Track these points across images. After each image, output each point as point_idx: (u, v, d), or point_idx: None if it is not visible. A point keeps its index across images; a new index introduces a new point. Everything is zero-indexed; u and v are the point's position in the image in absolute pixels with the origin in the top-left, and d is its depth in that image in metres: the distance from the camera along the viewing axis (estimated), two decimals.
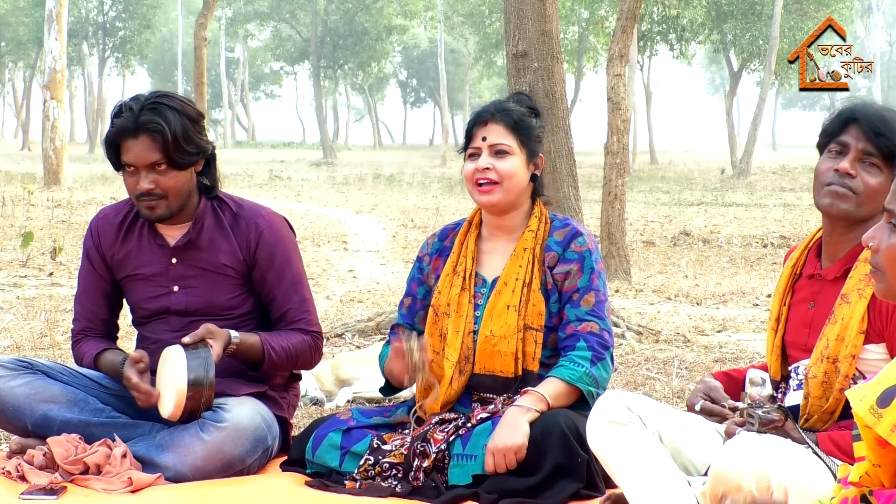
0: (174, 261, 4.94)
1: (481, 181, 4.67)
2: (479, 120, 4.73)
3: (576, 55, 56.33)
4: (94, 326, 5.08)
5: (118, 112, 4.80)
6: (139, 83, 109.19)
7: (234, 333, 4.77)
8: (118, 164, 4.84)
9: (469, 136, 4.75)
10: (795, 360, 3.93)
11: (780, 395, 3.94)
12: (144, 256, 4.97)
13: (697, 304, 11.65)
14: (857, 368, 3.70)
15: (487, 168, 4.66)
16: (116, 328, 5.20)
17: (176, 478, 4.57)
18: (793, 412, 3.79)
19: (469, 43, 68.35)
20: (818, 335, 3.80)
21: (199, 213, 4.94)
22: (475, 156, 4.71)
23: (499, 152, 4.68)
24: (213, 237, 4.93)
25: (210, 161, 4.96)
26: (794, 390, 3.90)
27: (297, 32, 73.09)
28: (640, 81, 55.12)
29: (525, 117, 4.72)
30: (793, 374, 3.92)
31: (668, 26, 47.45)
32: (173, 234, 4.95)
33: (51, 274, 13.08)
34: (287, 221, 5.10)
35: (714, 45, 50.28)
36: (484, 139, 4.69)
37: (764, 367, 4.08)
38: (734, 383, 4.05)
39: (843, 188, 3.79)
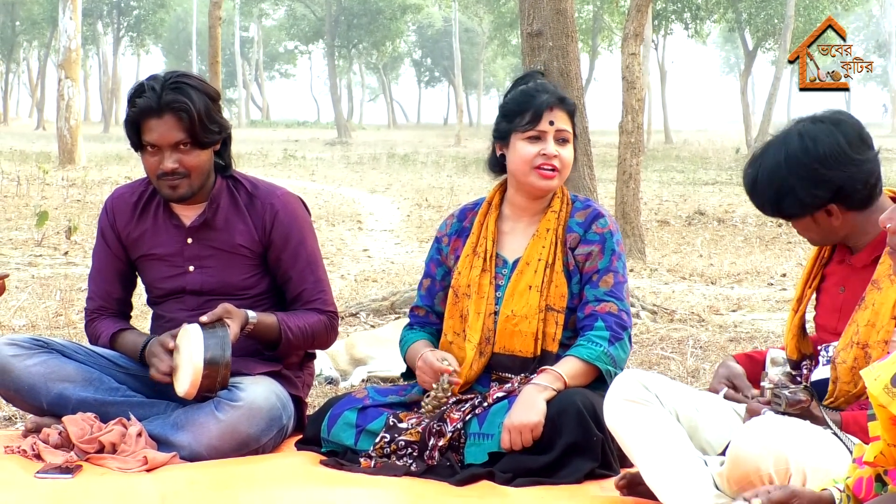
0: (190, 241, 4.95)
1: (546, 167, 4.67)
2: (548, 104, 4.70)
3: (590, 34, 56.20)
4: (108, 305, 5.09)
5: (139, 92, 4.78)
6: (154, 63, 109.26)
7: (251, 313, 4.77)
8: (138, 144, 4.84)
9: (534, 118, 4.70)
10: (824, 341, 3.93)
11: (804, 372, 3.94)
12: (160, 236, 4.97)
13: (712, 283, 11.65)
14: (888, 353, 3.69)
15: (556, 155, 4.67)
16: (130, 307, 5.20)
17: (191, 457, 4.58)
18: (819, 386, 3.79)
19: (483, 22, 68.21)
20: (847, 320, 3.80)
21: (214, 192, 4.94)
22: (538, 140, 4.70)
23: (563, 140, 4.69)
24: (229, 217, 4.93)
25: (225, 140, 4.96)
26: (823, 365, 3.90)
27: (311, 11, 73.03)
28: (655, 60, 54.92)
29: (576, 107, 4.78)
30: (822, 352, 3.92)
31: (683, 5, 47.28)
32: (189, 214, 4.95)
33: (66, 253, 13.11)
34: (302, 201, 5.10)
35: (729, 23, 50.11)
36: (552, 123, 4.68)
37: (783, 347, 4.08)
38: (756, 365, 4.06)
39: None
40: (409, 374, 4.95)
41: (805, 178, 3.72)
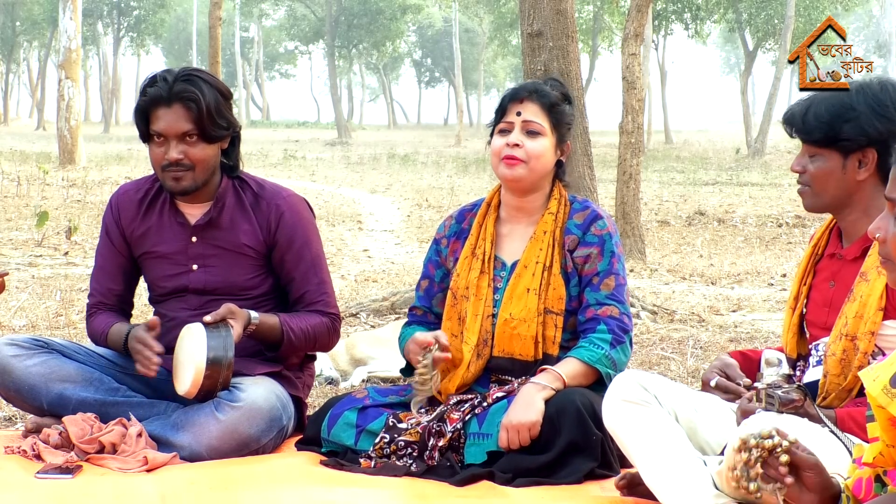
0: (194, 239, 4.94)
1: (509, 156, 4.67)
2: (516, 96, 4.72)
3: (590, 34, 56.19)
4: (108, 301, 5.08)
5: (151, 82, 4.81)
6: (154, 63, 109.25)
7: (253, 314, 4.77)
8: (147, 135, 4.85)
9: (502, 112, 4.74)
10: (816, 338, 3.94)
11: (798, 373, 3.95)
12: (164, 234, 4.97)
13: (712, 283, 11.64)
14: (876, 345, 3.71)
15: (518, 145, 4.65)
16: (131, 305, 5.20)
17: (191, 457, 4.58)
18: (812, 388, 3.80)
19: (484, 22, 68.20)
20: (838, 314, 3.81)
21: (220, 191, 4.94)
22: (506, 131, 4.70)
23: (531, 132, 4.67)
24: (234, 217, 4.93)
25: (234, 140, 4.96)
26: (813, 366, 3.90)
27: (311, 12, 73.08)
28: (655, 61, 54.90)
29: (560, 103, 4.73)
30: (813, 352, 3.93)
31: (683, 5, 47.29)
32: (194, 213, 4.96)
33: (66, 253, 13.11)
34: (307, 203, 5.10)
35: (729, 24, 50.10)
36: (518, 114, 4.68)
37: (780, 349, 4.08)
38: (750, 363, 4.06)
39: (800, 186, 3.97)
40: (408, 369, 4.95)
41: (874, 108, 3.79)
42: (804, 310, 4.03)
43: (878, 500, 2.84)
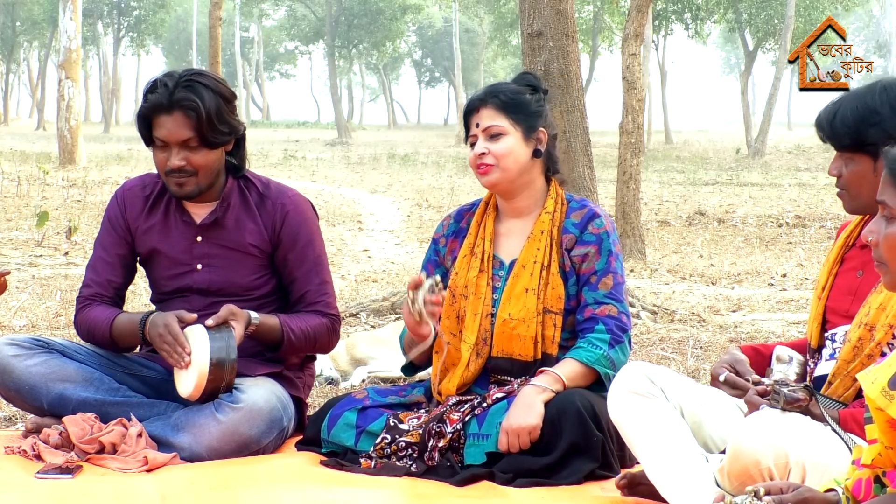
0: (199, 238, 4.94)
1: (480, 165, 4.69)
2: (471, 108, 4.76)
3: (591, 34, 56.18)
4: (104, 293, 5.03)
5: (152, 87, 4.80)
6: (154, 63, 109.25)
7: (254, 314, 4.76)
8: (149, 139, 4.85)
9: (466, 125, 4.79)
10: (833, 325, 3.92)
11: (811, 366, 3.93)
12: (169, 233, 4.97)
13: (712, 283, 11.65)
14: (894, 336, 3.69)
15: (483, 153, 4.67)
16: (123, 300, 5.18)
17: (191, 458, 4.58)
18: (819, 382, 3.79)
19: (484, 22, 68.18)
20: (862, 303, 3.80)
21: (226, 191, 4.94)
22: (475, 143, 4.73)
23: (492, 136, 4.68)
24: (239, 216, 4.93)
25: (239, 141, 4.96)
26: (826, 360, 3.89)
27: (311, 12, 73.09)
28: (655, 61, 54.88)
29: (516, 95, 4.72)
30: (827, 343, 3.91)
31: (683, 5, 47.29)
32: (199, 212, 4.95)
33: (66, 253, 13.12)
34: (311, 204, 5.10)
35: (729, 24, 50.11)
36: (477, 125, 4.72)
37: (791, 345, 4.06)
38: (761, 358, 4.05)
39: (838, 188, 3.92)
40: (408, 367, 4.96)
41: None
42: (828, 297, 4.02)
43: (877, 500, 2.84)
